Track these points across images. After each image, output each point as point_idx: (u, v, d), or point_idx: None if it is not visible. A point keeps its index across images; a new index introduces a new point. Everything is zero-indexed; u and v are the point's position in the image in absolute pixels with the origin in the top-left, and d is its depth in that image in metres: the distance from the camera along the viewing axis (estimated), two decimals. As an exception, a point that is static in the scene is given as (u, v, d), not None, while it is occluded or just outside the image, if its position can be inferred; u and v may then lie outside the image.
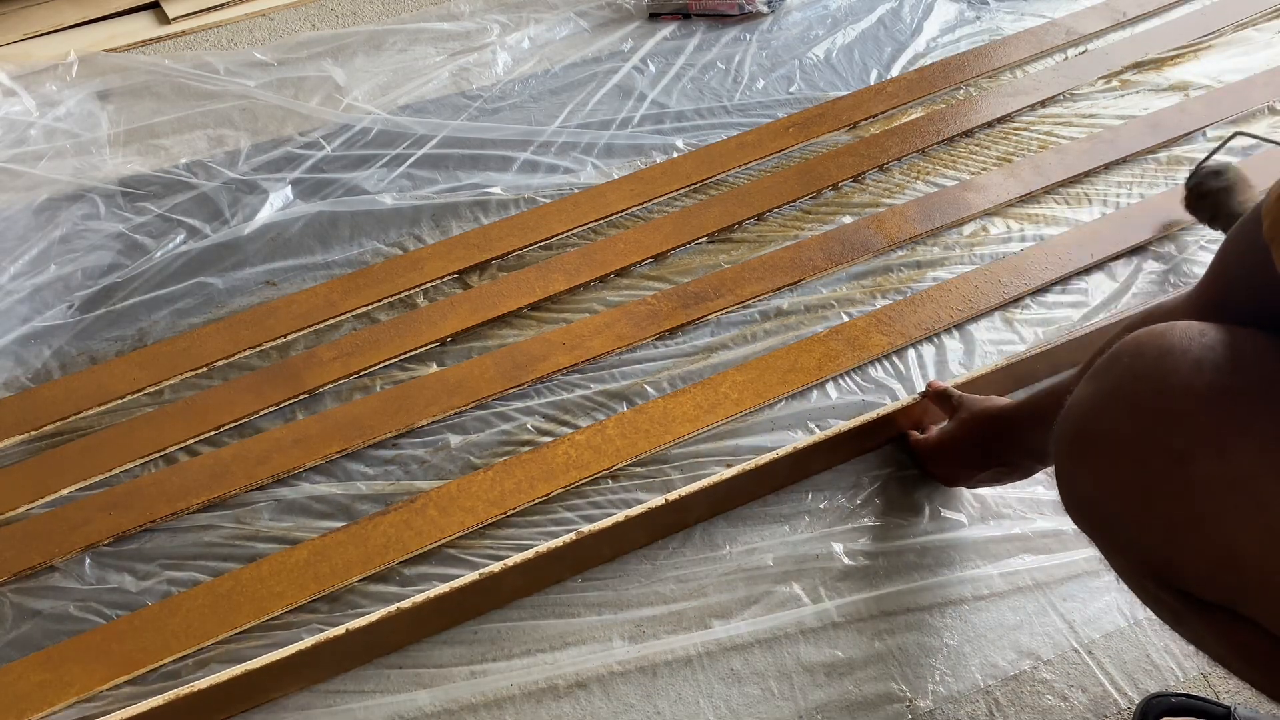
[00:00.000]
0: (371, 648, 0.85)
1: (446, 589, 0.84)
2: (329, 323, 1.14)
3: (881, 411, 0.97)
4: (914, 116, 1.40)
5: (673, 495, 0.90)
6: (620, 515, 0.89)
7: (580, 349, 1.09)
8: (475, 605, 0.88)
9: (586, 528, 0.88)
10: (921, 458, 0.97)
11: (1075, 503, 0.59)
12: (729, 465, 0.98)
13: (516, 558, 0.86)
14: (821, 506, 0.96)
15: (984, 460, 0.87)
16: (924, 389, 0.98)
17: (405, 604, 0.83)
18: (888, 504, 0.96)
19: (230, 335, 1.12)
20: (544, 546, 0.87)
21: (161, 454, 1.02)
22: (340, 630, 0.81)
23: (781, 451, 0.93)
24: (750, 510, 0.95)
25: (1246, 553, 0.49)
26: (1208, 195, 1.09)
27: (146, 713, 0.78)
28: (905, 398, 1.00)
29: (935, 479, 0.96)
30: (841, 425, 0.97)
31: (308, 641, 0.81)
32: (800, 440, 0.95)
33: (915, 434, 0.98)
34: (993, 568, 0.91)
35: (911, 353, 1.08)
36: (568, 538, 0.87)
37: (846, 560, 0.91)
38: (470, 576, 0.84)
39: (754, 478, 0.93)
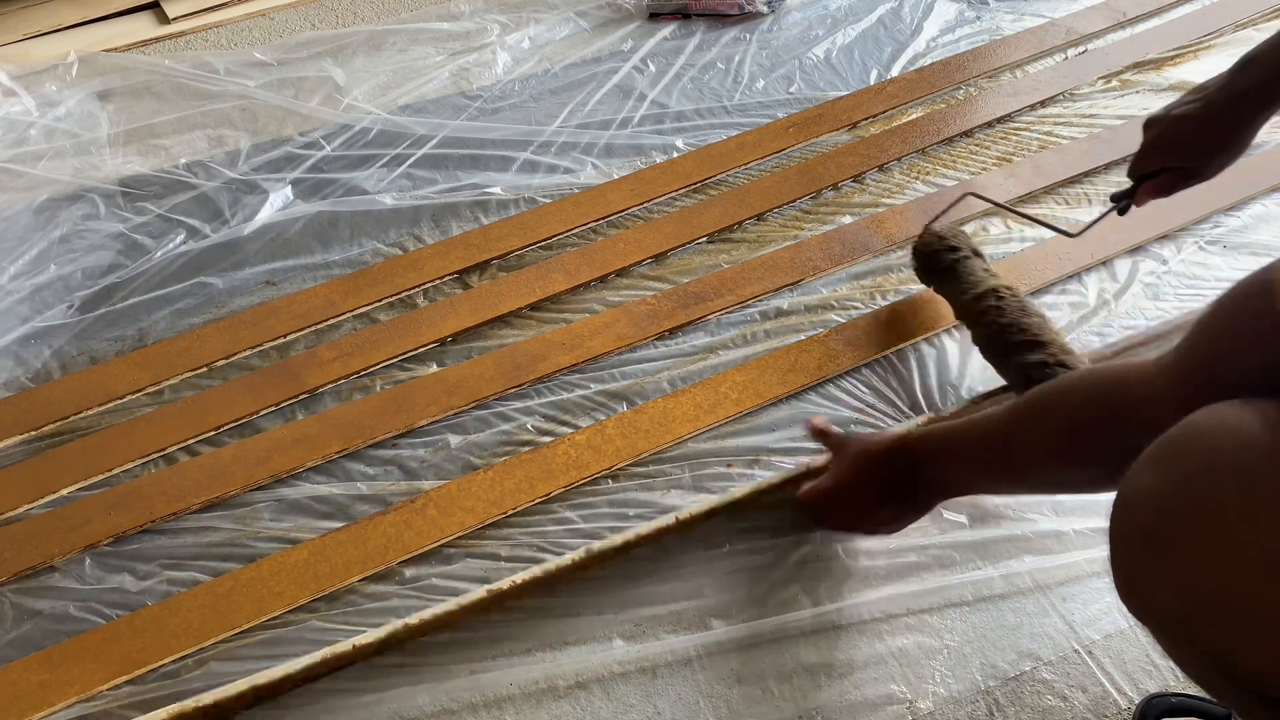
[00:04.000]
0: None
1: (455, 606, 0.85)
2: (329, 323, 1.14)
3: (787, 474, 0.94)
4: (914, 116, 1.40)
5: (683, 514, 0.90)
6: (631, 533, 0.89)
7: (580, 349, 1.09)
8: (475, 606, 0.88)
9: (596, 545, 0.89)
10: (817, 509, 0.91)
11: (1143, 603, 0.55)
12: (730, 465, 0.98)
13: (522, 575, 0.86)
14: (821, 507, 0.95)
15: (881, 499, 0.85)
16: (808, 427, 0.96)
17: (413, 620, 0.84)
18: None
19: (230, 335, 1.12)
20: (553, 564, 0.87)
21: (161, 454, 1.02)
22: (347, 646, 0.82)
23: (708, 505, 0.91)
24: (751, 509, 0.95)
25: None
26: (940, 264, 1.03)
27: None
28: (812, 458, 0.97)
29: (834, 529, 0.92)
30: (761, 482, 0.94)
31: (315, 656, 0.81)
32: (717, 499, 0.92)
33: (806, 487, 0.92)
34: (993, 569, 0.91)
35: (911, 353, 1.08)
36: (577, 555, 0.88)
37: (847, 561, 0.91)
38: (478, 593, 0.85)
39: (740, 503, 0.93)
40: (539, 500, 0.95)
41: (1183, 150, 0.89)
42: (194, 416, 1.04)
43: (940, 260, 1.03)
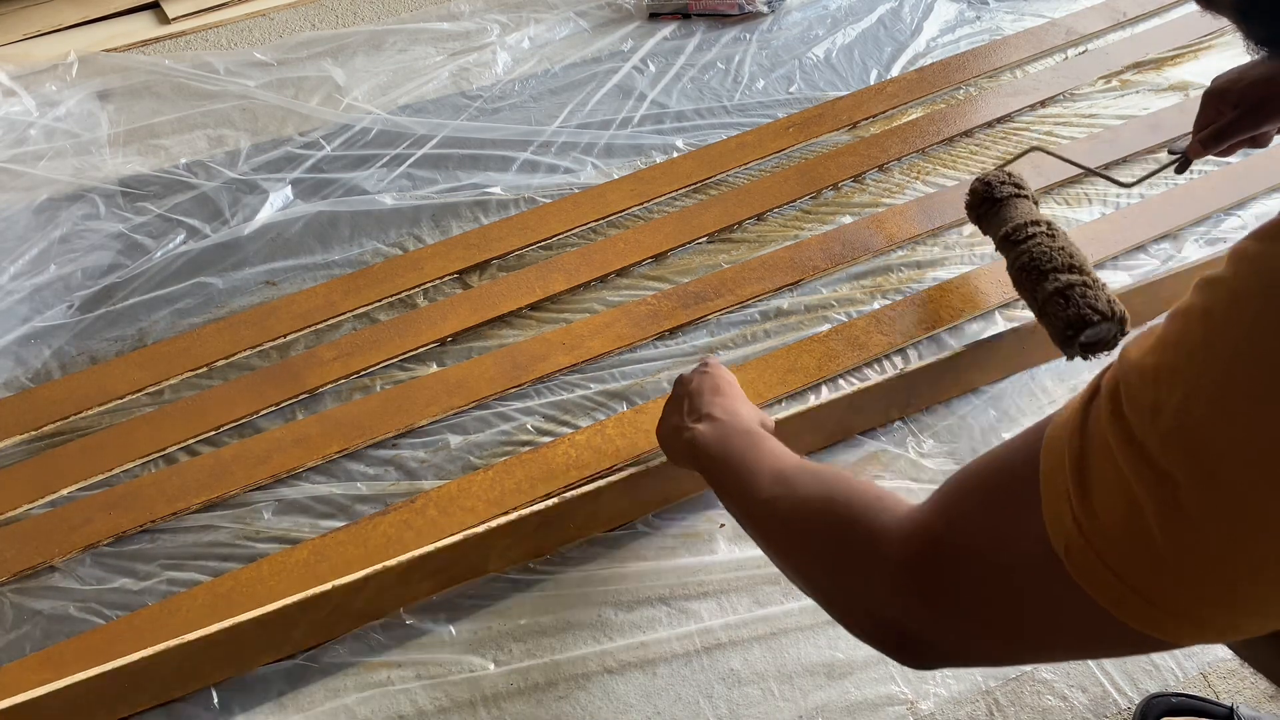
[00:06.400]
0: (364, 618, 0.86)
1: (432, 548, 0.85)
2: (329, 323, 1.14)
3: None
4: (914, 116, 1.40)
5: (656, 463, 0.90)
6: (604, 481, 0.90)
7: (580, 349, 1.09)
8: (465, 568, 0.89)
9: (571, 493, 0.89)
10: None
11: None
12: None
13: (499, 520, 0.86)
14: (821, 506, 0.95)
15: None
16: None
17: (390, 563, 0.84)
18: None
19: (230, 335, 1.12)
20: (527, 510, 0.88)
21: (161, 454, 1.02)
22: (326, 587, 0.82)
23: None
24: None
25: None
26: (1000, 194, 1.04)
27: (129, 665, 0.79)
28: None
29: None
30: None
31: (293, 598, 0.81)
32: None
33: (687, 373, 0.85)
34: (993, 568, 0.91)
35: (912, 352, 1.08)
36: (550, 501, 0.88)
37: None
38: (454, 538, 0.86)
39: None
40: (539, 500, 0.95)
41: (1239, 94, 0.88)
42: (194, 416, 1.04)
43: (1001, 190, 1.04)
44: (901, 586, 0.49)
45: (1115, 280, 1.15)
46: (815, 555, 0.58)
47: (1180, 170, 0.99)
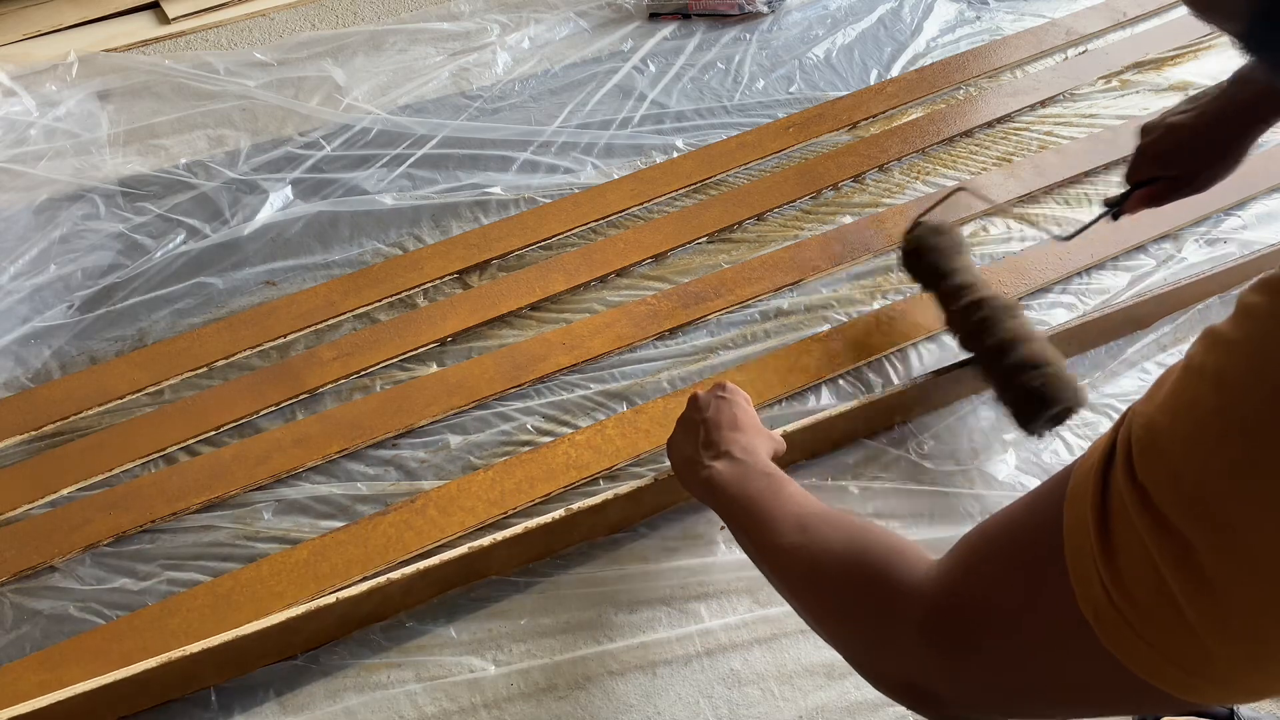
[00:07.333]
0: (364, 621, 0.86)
1: (435, 561, 0.85)
2: (329, 323, 1.14)
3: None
4: (914, 116, 1.40)
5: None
6: (610, 494, 0.89)
7: (580, 349, 1.09)
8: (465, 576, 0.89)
9: (577, 504, 0.89)
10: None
11: None
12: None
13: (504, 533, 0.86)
14: (821, 507, 0.95)
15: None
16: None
17: (395, 575, 0.83)
18: (887, 501, 0.96)
19: (230, 335, 1.12)
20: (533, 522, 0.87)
21: (161, 454, 1.01)
22: (330, 599, 0.82)
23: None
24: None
25: None
26: (925, 253, 1.01)
27: (141, 674, 0.79)
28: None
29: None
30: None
31: (295, 610, 0.81)
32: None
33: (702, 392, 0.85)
34: (993, 568, 0.91)
35: (912, 353, 1.08)
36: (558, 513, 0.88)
37: (847, 560, 0.91)
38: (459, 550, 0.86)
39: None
40: (539, 500, 0.95)
41: (1175, 160, 0.88)
42: (194, 416, 1.03)
43: (924, 250, 1.01)
44: (923, 645, 0.49)
45: (1115, 281, 1.15)
46: (836, 607, 0.58)
47: (1115, 219, 0.99)
